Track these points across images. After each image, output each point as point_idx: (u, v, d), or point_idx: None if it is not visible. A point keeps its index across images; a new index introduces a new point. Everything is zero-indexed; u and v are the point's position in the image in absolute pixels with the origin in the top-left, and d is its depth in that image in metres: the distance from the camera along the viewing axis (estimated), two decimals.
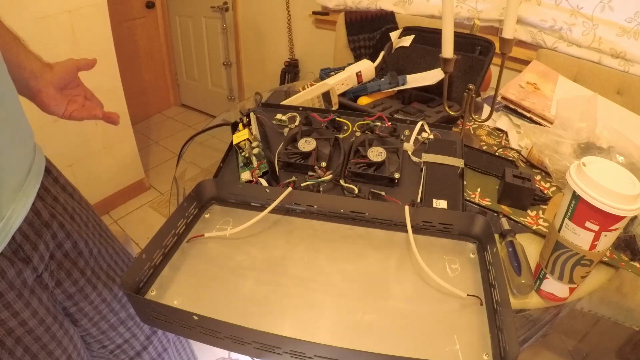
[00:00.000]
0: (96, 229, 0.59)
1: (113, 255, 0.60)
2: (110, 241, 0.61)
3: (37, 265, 0.47)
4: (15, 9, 1.31)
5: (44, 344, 0.47)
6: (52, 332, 0.48)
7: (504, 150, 0.86)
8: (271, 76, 2.27)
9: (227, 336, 0.42)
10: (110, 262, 0.59)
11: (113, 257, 0.60)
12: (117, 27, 1.75)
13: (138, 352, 0.65)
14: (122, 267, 0.62)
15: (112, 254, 0.60)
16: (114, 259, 0.60)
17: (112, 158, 1.84)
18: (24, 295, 0.45)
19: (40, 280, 0.48)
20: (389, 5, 1.60)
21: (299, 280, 0.50)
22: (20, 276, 0.45)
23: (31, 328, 0.46)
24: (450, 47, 0.71)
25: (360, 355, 0.38)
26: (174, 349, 0.73)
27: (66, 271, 0.51)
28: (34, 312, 0.46)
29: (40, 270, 0.48)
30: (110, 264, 0.59)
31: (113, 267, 0.60)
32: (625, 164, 0.68)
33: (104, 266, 0.58)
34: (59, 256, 0.51)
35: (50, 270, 0.50)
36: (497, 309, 0.44)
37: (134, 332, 0.63)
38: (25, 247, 0.46)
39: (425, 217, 0.56)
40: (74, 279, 0.52)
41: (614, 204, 0.43)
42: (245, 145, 0.66)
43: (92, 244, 0.56)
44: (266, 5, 2.10)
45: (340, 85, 0.98)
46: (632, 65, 1.23)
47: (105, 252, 0.59)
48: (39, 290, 0.48)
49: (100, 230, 0.60)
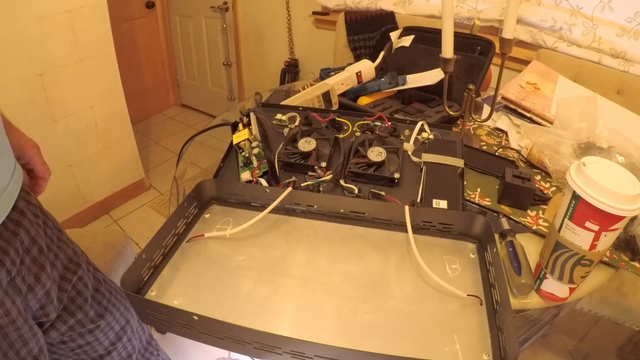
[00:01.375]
0: (54, 233, 0.60)
1: (72, 258, 0.62)
2: (69, 244, 0.62)
3: (10, 269, 0.48)
4: (15, 9, 1.31)
5: (12, 342, 0.48)
6: (21, 332, 0.49)
7: (504, 150, 0.86)
8: (271, 76, 2.27)
9: (227, 336, 0.42)
10: (68, 264, 0.60)
11: (72, 260, 0.61)
12: (117, 27, 1.75)
13: (100, 356, 0.66)
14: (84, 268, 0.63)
15: (70, 256, 0.61)
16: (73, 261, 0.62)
17: (112, 158, 1.84)
18: None
19: (14, 283, 0.50)
20: (389, 5, 1.60)
21: (299, 280, 0.50)
22: None
23: (1, 325, 0.47)
24: (450, 47, 0.71)
25: (360, 355, 0.38)
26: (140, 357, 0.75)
27: (35, 276, 0.53)
28: (7, 311, 0.47)
29: (13, 273, 0.49)
30: (68, 265, 0.60)
31: (71, 268, 0.61)
32: (625, 164, 0.68)
33: (61, 270, 0.59)
34: (27, 262, 0.52)
35: (22, 275, 0.51)
36: (497, 309, 0.44)
37: (97, 336, 0.64)
38: None
39: (425, 217, 0.56)
40: (42, 282, 0.54)
41: (613, 204, 0.43)
42: (245, 145, 0.66)
43: (47, 250, 0.57)
44: (266, 5, 2.10)
45: (340, 85, 0.98)
46: (632, 65, 1.23)
47: (64, 255, 0.60)
48: (13, 293, 0.49)
49: (59, 234, 0.61)
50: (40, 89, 1.45)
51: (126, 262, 1.04)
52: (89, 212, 1.81)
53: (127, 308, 0.70)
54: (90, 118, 1.68)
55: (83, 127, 1.66)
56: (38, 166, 0.63)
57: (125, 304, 0.70)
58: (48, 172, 0.65)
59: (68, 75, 1.53)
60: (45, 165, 0.65)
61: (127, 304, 0.70)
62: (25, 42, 1.37)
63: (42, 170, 0.64)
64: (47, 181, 0.65)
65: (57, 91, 1.51)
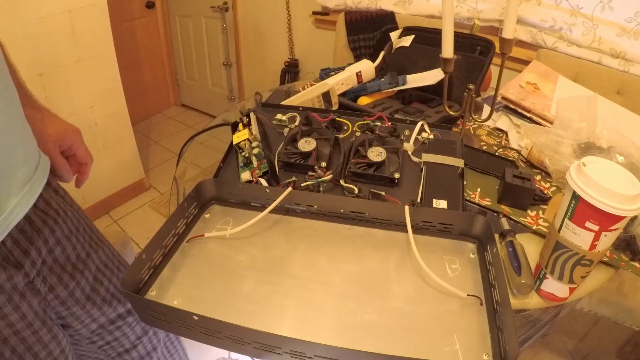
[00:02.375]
0: (87, 232, 0.59)
1: (102, 258, 0.61)
2: (100, 243, 0.62)
3: (29, 271, 0.48)
4: (15, 9, 1.31)
5: (29, 346, 0.48)
6: (39, 335, 0.49)
7: (504, 150, 0.86)
8: (271, 76, 2.27)
9: (227, 336, 0.42)
10: (100, 266, 0.60)
11: (102, 260, 0.61)
12: (117, 27, 1.75)
13: (127, 350, 0.66)
14: (113, 269, 0.63)
15: (101, 257, 0.61)
16: (104, 262, 0.61)
17: (112, 158, 1.84)
18: (14, 299, 0.46)
19: (32, 285, 0.49)
20: (389, 5, 1.60)
21: (299, 280, 0.50)
22: (11, 281, 0.46)
23: (18, 330, 0.47)
24: (450, 47, 0.71)
25: (360, 355, 0.38)
26: (164, 348, 0.75)
27: (57, 276, 0.52)
28: (23, 315, 0.47)
29: (32, 275, 0.49)
30: (100, 267, 0.60)
31: (102, 270, 0.60)
32: (625, 164, 0.68)
33: (93, 269, 0.58)
34: (50, 262, 0.51)
35: (42, 275, 0.50)
36: (497, 309, 0.44)
37: (125, 331, 0.64)
38: (16, 253, 0.46)
39: (425, 217, 0.56)
40: (65, 283, 0.53)
41: (613, 204, 0.43)
42: (245, 145, 0.66)
43: (80, 248, 0.56)
44: (266, 5, 2.10)
45: (340, 85, 0.98)
46: (632, 65, 1.23)
47: (96, 255, 0.60)
48: (30, 295, 0.49)
49: (90, 233, 0.60)
50: (40, 89, 1.45)
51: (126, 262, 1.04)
52: (89, 212, 1.79)
53: None
54: (90, 118, 1.68)
55: (83, 127, 1.64)
56: (80, 151, 0.62)
57: None
58: (90, 157, 0.64)
59: (68, 75, 1.53)
60: (88, 151, 0.63)
61: None
62: (25, 42, 1.37)
63: (85, 156, 0.63)
64: (89, 167, 0.64)
65: (57, 91, 1.51)
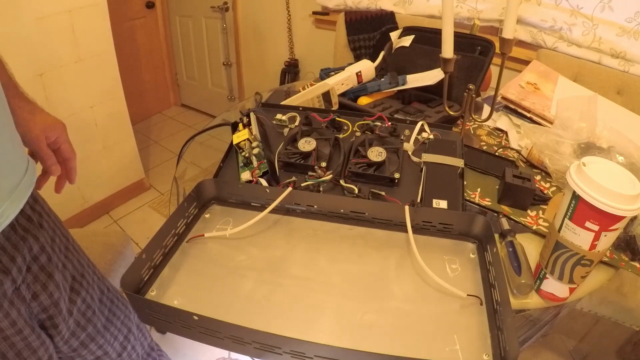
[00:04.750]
0: (62, 242, 0.59)
1: (78, 269, 0.61)
2: (75, 254, 0.62)
3: (15, 277, 0.48)
4: (15, 9, 1.31)
5: (19, 351, 0.48)
6: (28, 341, 0.49)
7: (504, 150, 0.86)
8: (271, 76, 2.27)
9: (227, 336, 0.42)
10: (76, 275, 0.60)
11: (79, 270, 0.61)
12: (117, 27, 1.75)
13: None
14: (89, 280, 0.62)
15: (77, 267, 0.61)
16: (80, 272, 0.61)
17: (112, 158, 1.84)
18: (4, 305, 0.46)
19: (19, 292, 0.49)
20: (389, 5, 1.60)
21: (299, 280, 0.50)
22: (1, 287, 0.46)
23: (7, 336, 0.47)
24: (450, 47, 0.71)
25: (360, 355, 0.38)
26: None
27: (42, 284, 0.52)
28: (13, 322, 0.47)
29: (19, 282, 0.49)
30: (76, 276, 0.60)
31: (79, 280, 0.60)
32: (625, 164, 0.68)
33: (69, 279, 0.58)
34: (35, 269, 0.51)
35: (27, 282, 0.50)
36: (497, 309, 0.44)
37: (106, 350, 0.64)
38: (3, 259, 0.46)
39: (425, 217, 0.56)
40: (50, 292, 0.53)
41: (613, 204, 0.43)
42: (245, 145, 0.66)
43: (56, 259, 0.56)
44: (266, 5, 2.10)
45: (340, 85, 0.98)
46: (632, 65, 1.23)
47: (71, 266, 0.59)
48: (18, 302, 0.49)
49: (67, 243, 0.60)
50: (40, 89, 1.45)
51: (126, 262, 1.04)
52: (89, 212, 1.81)
53: (126, 316, 0.69)
54: (90, 118, 1.68)
55: (83, 127, 1.66)
56: (65, 145, 0.62)
57: (125, 312, 0.69)
58: (74, 153, 0.64)
59: (68, 75, 1.53)
60: (72, 146, 0.64)
61: (126, 311, 0.69)
62: (25, 42, 1.37)
63: (69, 150, 0.63)
64: (74, 162, 0.64)
65: (57, 91, 1.51)
